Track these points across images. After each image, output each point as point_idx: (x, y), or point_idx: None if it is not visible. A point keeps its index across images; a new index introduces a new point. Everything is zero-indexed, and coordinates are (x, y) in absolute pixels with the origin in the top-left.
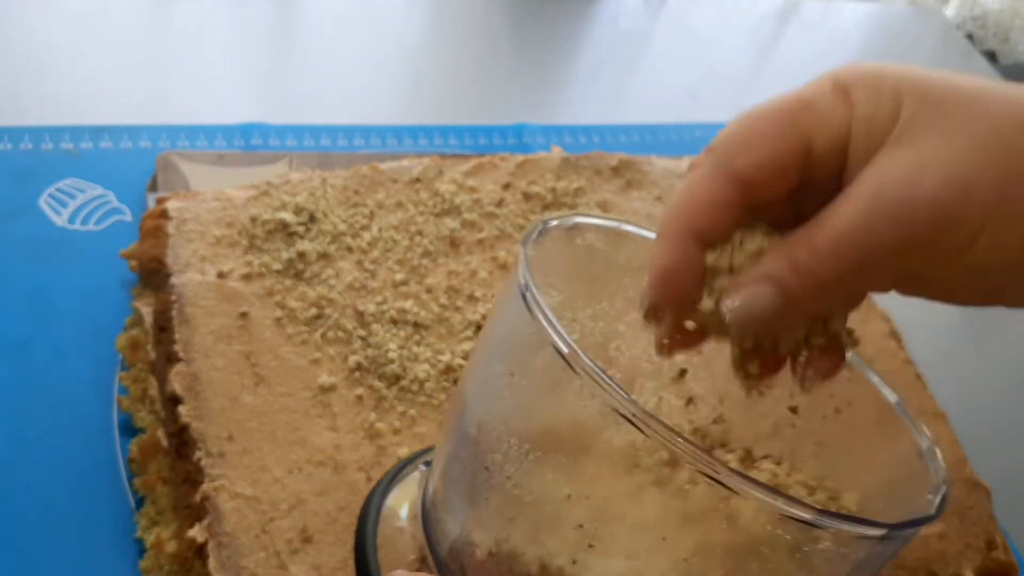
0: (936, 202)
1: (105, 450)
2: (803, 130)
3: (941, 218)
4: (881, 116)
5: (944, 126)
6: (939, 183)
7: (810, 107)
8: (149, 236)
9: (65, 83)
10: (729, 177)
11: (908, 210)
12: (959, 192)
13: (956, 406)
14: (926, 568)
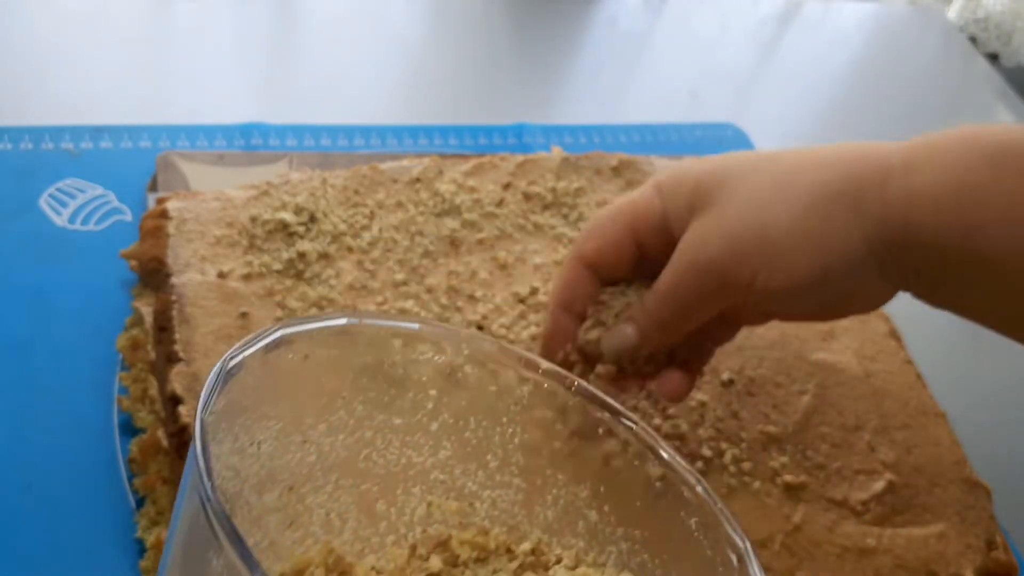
0: (716, 259)
1: (105, 450)
2: (628, 221)
3: (722, 269)
4: (683, 200)
5: (720, 203)
6: (716, 246)
7: (635, 203)
8: (149, 236)
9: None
10: (580, 261)
11: (700, 266)
12: (730, 250)
13: (956, 406)
14: (926, 568)
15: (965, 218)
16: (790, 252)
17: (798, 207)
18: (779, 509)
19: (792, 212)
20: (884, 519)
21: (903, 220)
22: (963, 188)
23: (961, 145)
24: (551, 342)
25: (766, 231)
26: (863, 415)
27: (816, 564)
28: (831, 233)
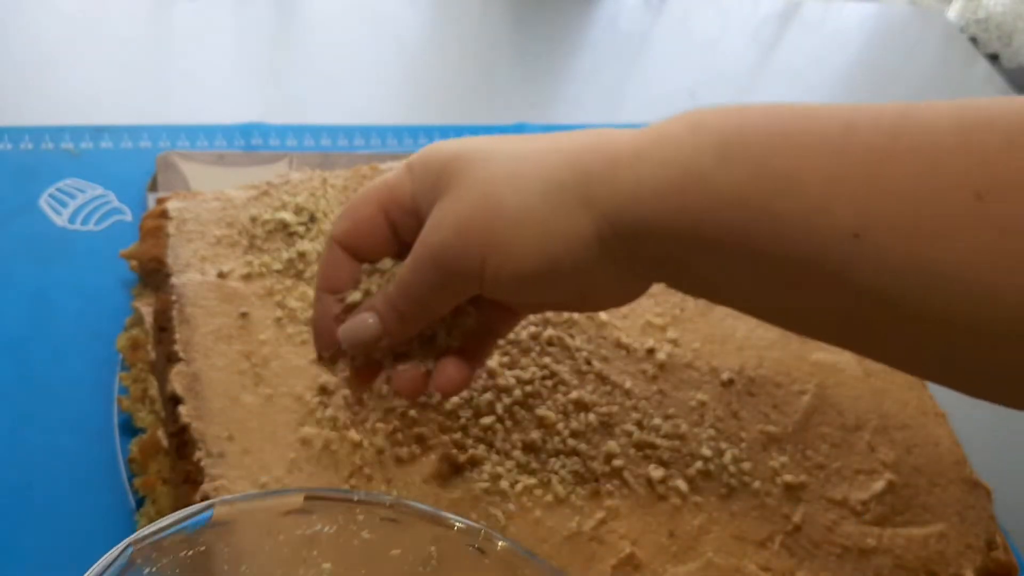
0: (446, 244)
1: (105, 450)
2: (380, 201)
3: (451, 257)
4: (429, 182)
5: (459, 186)
6: (447, 230)
7: (387, 184)
8: (149, 236)
9: (65, 83)
10: (335, 242)
11: (432, 253)
12: (459, 235)
13: (956, 406)
14: (926, 568)
15: (691, 207)
16: (517, 241)
17: (528, 195)
18: (779, 509)
19: (521, 200)
20: (884, 519)
21: (632, 211)
22: (688, 177)
23: (687, 132)
24: (318, 326)
25: (493, 218)
26: (863, 415)
27: (816, 564)
28: (558, 223)
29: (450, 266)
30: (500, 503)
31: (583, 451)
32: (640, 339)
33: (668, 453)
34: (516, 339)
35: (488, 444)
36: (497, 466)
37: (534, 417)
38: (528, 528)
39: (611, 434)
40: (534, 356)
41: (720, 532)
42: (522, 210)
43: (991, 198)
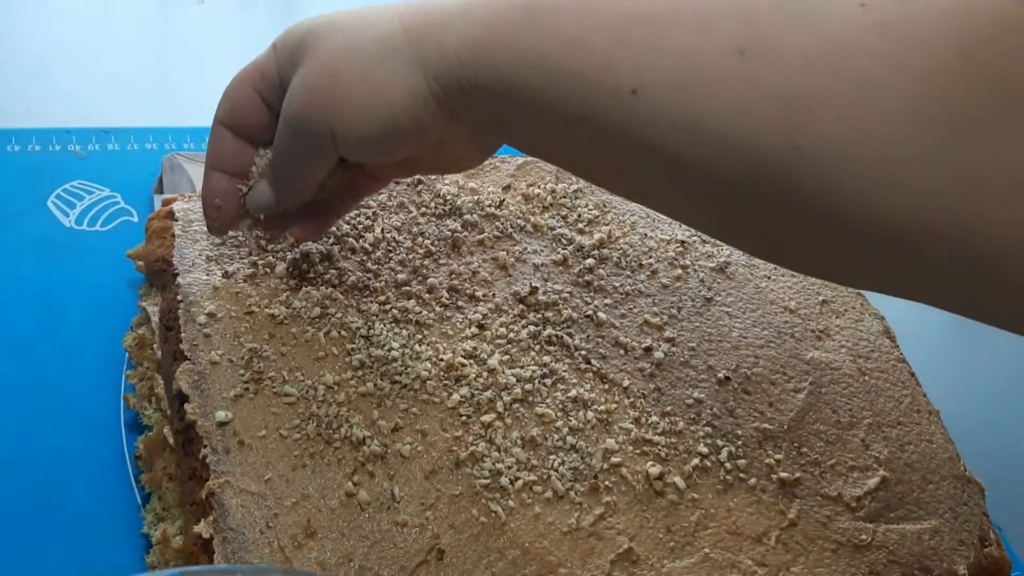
0: (298, 114)
1: (112, 447)
2: (252, 82)
3: (304, 124)
4: (287, 56)
5: (310, 58)
6: (298, 101)
7: (256, 66)
8: (155, 237)
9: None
10: (219, 124)
11: (290, 121)
12: (308, 104)
13: (949, 404)
14: (920, 563)
15: (500, 67)
16: (360, 105)
17: (366, 61)
18: (774, 505)
19: (361, 66)
20: (878, 515)
21: (455, 70)
22: (496, 38)
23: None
24: (207, 200)
25: (336, 86)
26: (857, 412)
27: (811, 559)
28: (396, 86)
29: (304, 133)
30: (500, 499)
31: (582, 448)
32: (638, 338)
33: (665, 450)
34: (516, 338)
35: (488, 441)
36: (497, 463)
37: (533, 414)
38: (527, 524)
39: (609, 431)
40: (534, 355)
41: (716, 528)
42: (362, 75)
43: (751, 55)
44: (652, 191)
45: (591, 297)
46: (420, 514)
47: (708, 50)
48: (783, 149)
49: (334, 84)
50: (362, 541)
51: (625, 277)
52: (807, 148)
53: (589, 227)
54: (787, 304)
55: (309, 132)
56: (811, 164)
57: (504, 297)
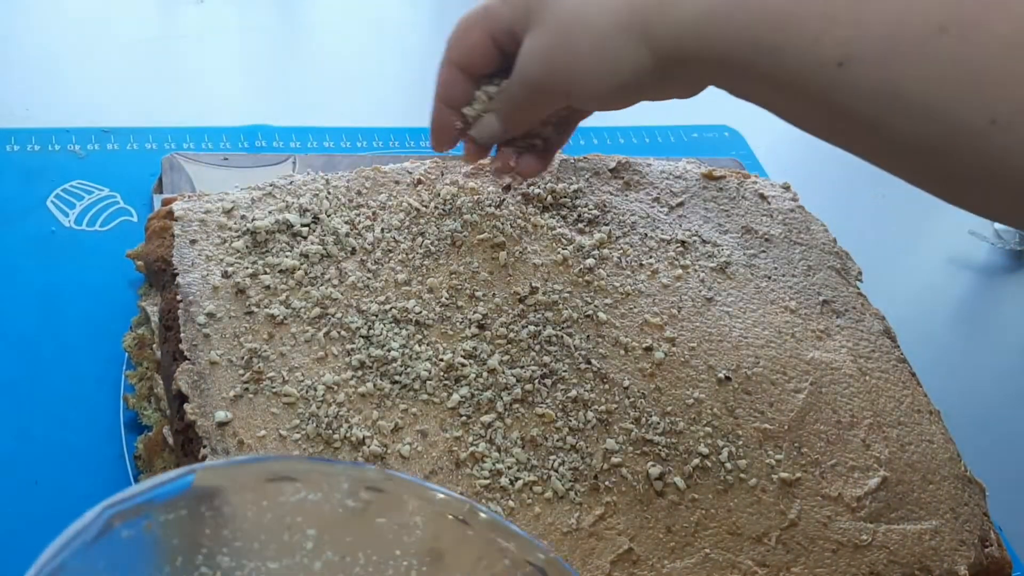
0: (537, 77)
1: (112, 447)
2: (484, 27)
3: (543, 85)
4: (522, 10)
5: (543, 21)
6: (537, 66)
7: (488, 12)
8: (155, 237)
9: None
10: (451, 64)
11: (527, 82)
12: (547, 71)
13: (950, 404)
14: (920, 564)
15: (715, 44)
16: (592, 74)
17: (598, 32)
18: (775, 505)
19: (592, 40)
20: (878, 515)
21: (676, 45)
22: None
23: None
24: (437, 132)
25: (572, 57)
26: (858, 412)
27: (811, 559)
28: (623, 60)
29: (542, 93)
30: (500, 499)
31: (582, 448)
32: (638, 338)
33: (666, 450)
34: (516, 338)
35: (489, 441)
36: (497, 463)
37: (533, 415)
38: (528, 524)
39: (609, 431)
40: (534, 355)
41: (717, 528)
42: (593, 47)
43: (952, 32)
44: (851, 145)
45: (591, 297)
46: None
47: (911, 26)
48: (979, 121)
49: (569, 52)
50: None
51: (625, 277)
52: (1001, 120)
53: (589, 227)
54: (787, 304)
55: (545, 90)
56: (1005, 134)
57: (504, 297)
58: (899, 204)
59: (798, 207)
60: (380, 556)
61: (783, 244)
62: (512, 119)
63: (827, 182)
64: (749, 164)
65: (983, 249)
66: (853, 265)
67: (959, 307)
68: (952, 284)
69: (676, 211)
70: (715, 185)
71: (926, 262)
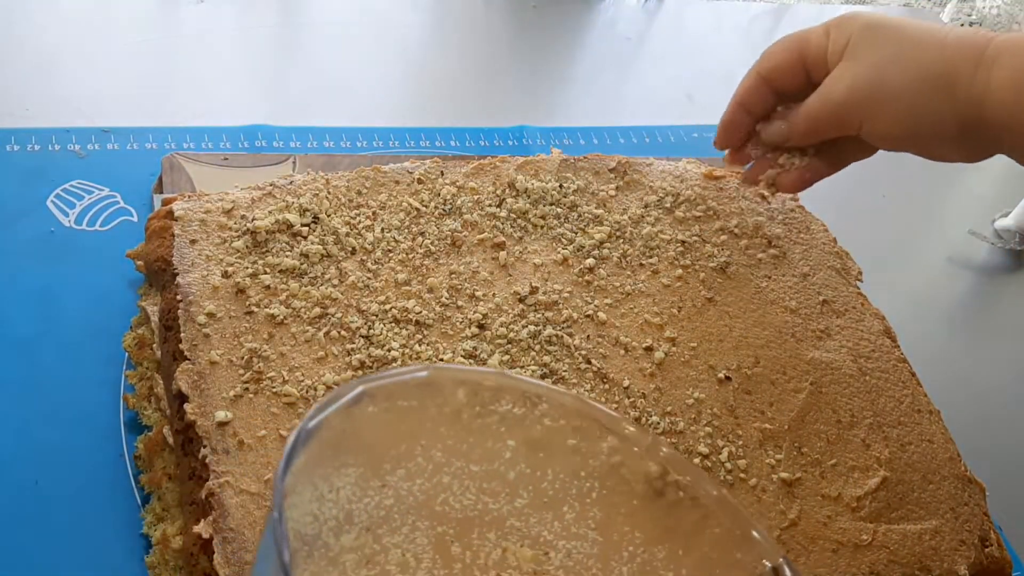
0: (837, 101)
1: (112, 447)
2: (799, 50)
3: (841, 110)
4: (841, 43)
5: (858, 55)
6: (841, 91)
7: (806, 37)
8: (155, 236)
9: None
10: (758, 75)
11: (828, 102)
12: (849, 96)
13: (950, 404)
14: (920, 563)
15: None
16: (891, 114)
17: (906, 79)
18: (775, 505)
19: (900, 82)
20: (879, 515)
21: (982, 108)
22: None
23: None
24: (727, 130)
25: (877, 92)
26: (858, 412)
27: (812, 559)
28: (926, 108)
29: (838, 117)
30: None
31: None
32: (638, 338)
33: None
34: (516, 338)
35: None
36: None
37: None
38: None
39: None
40: (534, 355)
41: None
42: (900, 93)
43: None
44: None
45: (591, 297)
46: None
47: None
48: None
49: (876, 90)
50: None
51: (625, 277)
52: None
53: (589, 227)
54: (787, 304)
55: (842, 114)
56: None
57: (504, 297)
58: (899, 204)
59: (798, 207)
60: (567, 475)
61: (783, 244)
62: (800, 129)
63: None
64: None
65: (983, 249)
66: (853, 265)
67: (959, 307)
68: (952, 284)
69: (676, 211)
70: (715, 185)
71: (926, 262)
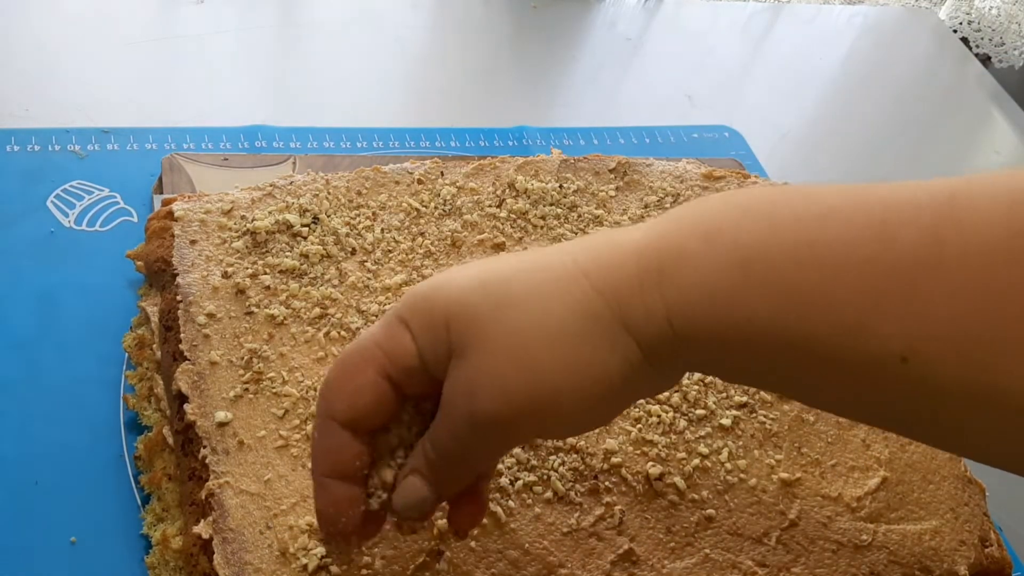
0: (493, 414)
1: (112, 447)
2: (379, 368)
3: (501, 425)
4: (439, 340)
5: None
6: (492, 400)
7: (379, 347)
8: (155, 237)
9: (71, 86)
10: (335, 424)
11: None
12: (508, 404)
13: None
14: (920, 564)
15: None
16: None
17: (568, 341)
18: (775, 505)
19: (563, 350)
20: (879, 515)
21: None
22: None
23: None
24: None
25: (539, 379)
26: None
27: (811, 559)
28: (610, 364)
29: (498, 434)
30: (501, 499)
31: (582, 448)
32: None
33: (666, 450)
34: None
35: None
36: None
37: None
38: (528, 524)
39: (609, 431)
40: None
41: (717, 528)
42: (569, 362)
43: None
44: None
45: None
46: None
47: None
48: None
49: (536, 372)
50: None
51: None
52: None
53: (589, 227)
54: None
55: (506, 433)
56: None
57: None
58: None
59: None
60: None
61: None
62: (447, 476)
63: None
64: (749, 164)
65: None
66: None
67: None
68: None
69: None
70: (715, 185)
71: None
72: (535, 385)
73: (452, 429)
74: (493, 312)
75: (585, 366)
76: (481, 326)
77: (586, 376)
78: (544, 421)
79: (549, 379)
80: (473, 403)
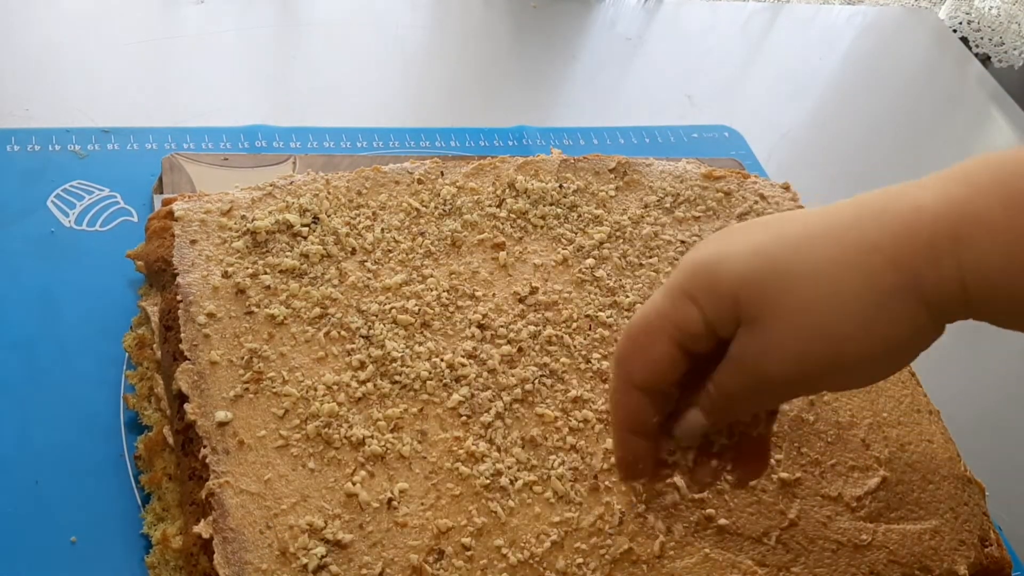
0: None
1: (112, 447)
2: (671, 335)
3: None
4: (726, 310)
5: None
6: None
7: (669, 319)
8: (155, 237)
9: (72, 86)
10: (630, 387)
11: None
12: (800, 370)
13: (950, 403)
14: (920, 563)
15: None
16: (864, 356)
17: (862, 312)
18: (775, 505)
19: (857, 319)
20: (878, 515)
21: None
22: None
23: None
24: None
25: (835, 344)
26: (857, 412)
27: (811, 559)
28: (901, 332)
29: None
30: (500, 499)
31: (582, 448)
32: None
33: None
34: (516, 338)
35: (489, 441)
36: (497, 463)
37: (533, 415)
38: (528, 524)
39: (609, 431)
40: (533, 355)
41: (717, 528)
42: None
43: None
44: None
45: (591, 297)
46: (420, 514)
47: None
48: None
49: (830, 339)
50: (362, 541)
51: (625, 277)
52: None
53: (589, 227)
54: None
55: (791, 393)
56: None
57: (504, 297)
58: None
59: (798, 207)
60: None
61: None
62: (725, 412)
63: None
64: (749, 164)
65: None
66: None
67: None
68: None
69: (676, 211)
70: (715, 185)
71: None
72: (829, 355)
73: (738, 380)
74: (782, 287)
75: (880, 338)
76: (771, 300)
77: (877, 344)
78: (830, 384)
79: (843, 348)
80: (765, 365)
